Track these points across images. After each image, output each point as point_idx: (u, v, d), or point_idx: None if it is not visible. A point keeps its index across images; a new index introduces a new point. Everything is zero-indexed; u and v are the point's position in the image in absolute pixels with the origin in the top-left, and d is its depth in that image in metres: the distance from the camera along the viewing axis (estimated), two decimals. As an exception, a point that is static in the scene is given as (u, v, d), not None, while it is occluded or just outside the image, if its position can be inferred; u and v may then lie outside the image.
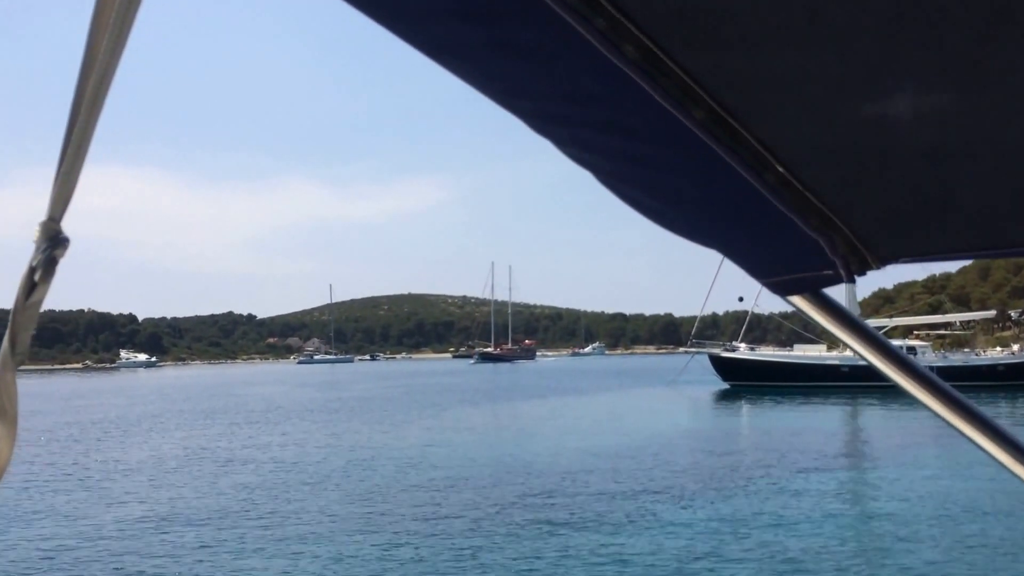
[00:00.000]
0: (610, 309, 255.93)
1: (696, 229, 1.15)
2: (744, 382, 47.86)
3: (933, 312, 74.90)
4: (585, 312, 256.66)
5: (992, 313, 69.40)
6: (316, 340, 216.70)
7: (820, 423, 30.81)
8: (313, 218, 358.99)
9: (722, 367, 49.93)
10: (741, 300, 47.59)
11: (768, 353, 53.79)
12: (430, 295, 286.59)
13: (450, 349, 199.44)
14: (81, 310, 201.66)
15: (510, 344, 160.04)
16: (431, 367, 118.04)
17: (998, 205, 1.11)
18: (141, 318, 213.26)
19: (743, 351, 51.76)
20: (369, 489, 17.78)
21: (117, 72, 0.63)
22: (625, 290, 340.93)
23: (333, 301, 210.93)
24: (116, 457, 24.53)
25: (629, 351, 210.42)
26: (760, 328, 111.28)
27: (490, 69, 0.80)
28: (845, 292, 36.02)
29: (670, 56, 0.75)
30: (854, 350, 1.36)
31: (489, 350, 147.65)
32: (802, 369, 47.88)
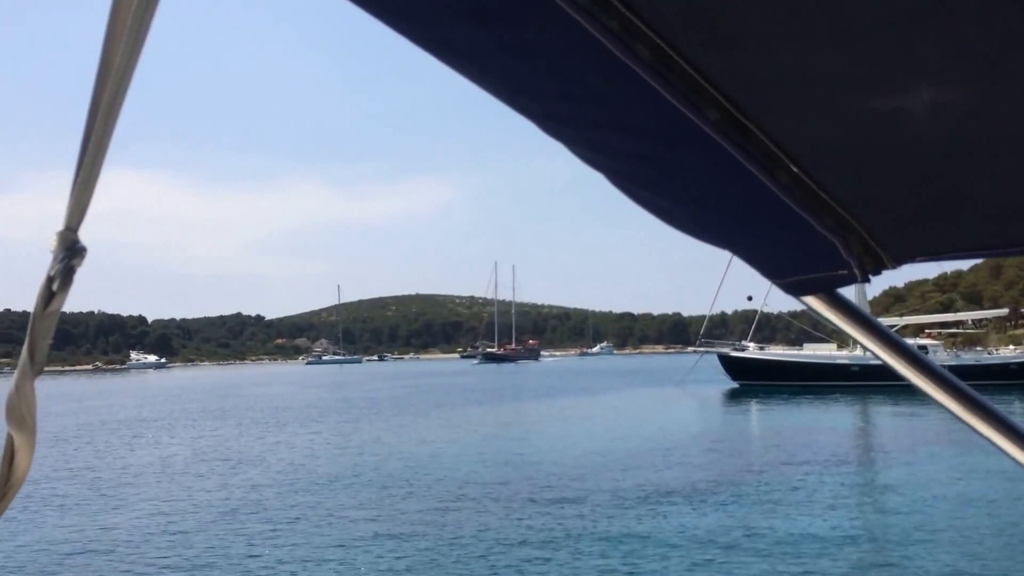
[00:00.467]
0: (618, 309, 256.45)
1: (708, 230, 1.14)
2: (754, 381, 47.69)
3: (945, 311, 74.25)
4: (593, 312, 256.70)
5: (1004, 311, 68.89)
6: (324, 341, 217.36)
7: (832, 422, 30.62)
8: (321, 219, 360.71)
9: (731, 366, 49.78)
10: (750, 299, 47.28)
11: (778, 352, 53.43)
12: (438, 295, 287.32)
13: (458, 349, 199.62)
14: (91, 312, 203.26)
15: (514, 344, 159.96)
16: (437, 367, 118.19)
17: (1014, 202, 1.10)
18: (151, 320, 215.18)
19: (752, 350, 51.55)
20: (379, 489, 17.79)
21: (133, 80, 0.63)
22: (633, 290, 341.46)
23: (341, 302, 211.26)
24: (126, 458, 24.64)
25: (637, 351, 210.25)
26: (769, 327, 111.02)
27: (501, 71, 0.79)
28: (855, 291, 35.85)
29: (683, 56, 0.75)
30: (869, 350, 1.35)
31: (493, 350, 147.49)
32: (812, 368, 47.64)
